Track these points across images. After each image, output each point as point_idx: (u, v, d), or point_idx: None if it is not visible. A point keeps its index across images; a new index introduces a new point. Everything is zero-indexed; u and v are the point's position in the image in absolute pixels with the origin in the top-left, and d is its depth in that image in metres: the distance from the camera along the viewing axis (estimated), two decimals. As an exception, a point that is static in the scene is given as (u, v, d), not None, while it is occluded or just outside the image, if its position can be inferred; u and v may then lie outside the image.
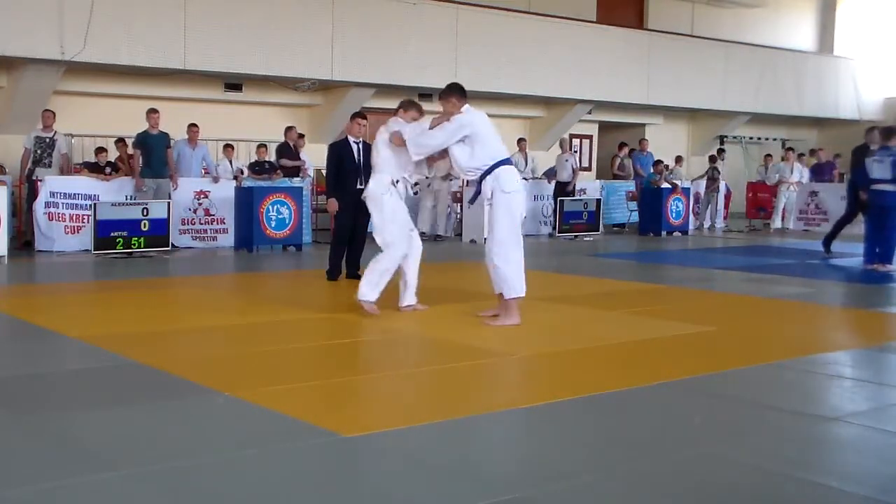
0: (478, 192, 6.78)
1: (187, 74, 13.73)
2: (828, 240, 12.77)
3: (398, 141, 6.82)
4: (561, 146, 16.20)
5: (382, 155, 6.97)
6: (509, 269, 6.59)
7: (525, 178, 15.83)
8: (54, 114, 11.97)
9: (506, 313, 6.67)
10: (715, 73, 19.79)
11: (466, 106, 6.75)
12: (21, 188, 12.12)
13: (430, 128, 6.75)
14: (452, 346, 5.94)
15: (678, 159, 18.73)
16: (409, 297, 7.13)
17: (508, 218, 6.63)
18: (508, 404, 4.49)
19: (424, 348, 5.95)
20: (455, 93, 6.75)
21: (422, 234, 14.18)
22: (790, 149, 19.19)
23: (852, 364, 5.78)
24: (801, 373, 5.38)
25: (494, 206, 6.64)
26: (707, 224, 17.98)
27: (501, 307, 6.75)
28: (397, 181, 6.96)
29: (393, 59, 15.00)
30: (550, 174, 16.24)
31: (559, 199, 15.44)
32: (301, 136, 13.95)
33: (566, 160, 15.73)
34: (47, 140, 11.88)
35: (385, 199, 6.91)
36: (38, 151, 11.84)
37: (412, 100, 7.37)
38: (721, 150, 19.41)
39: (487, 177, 6.64)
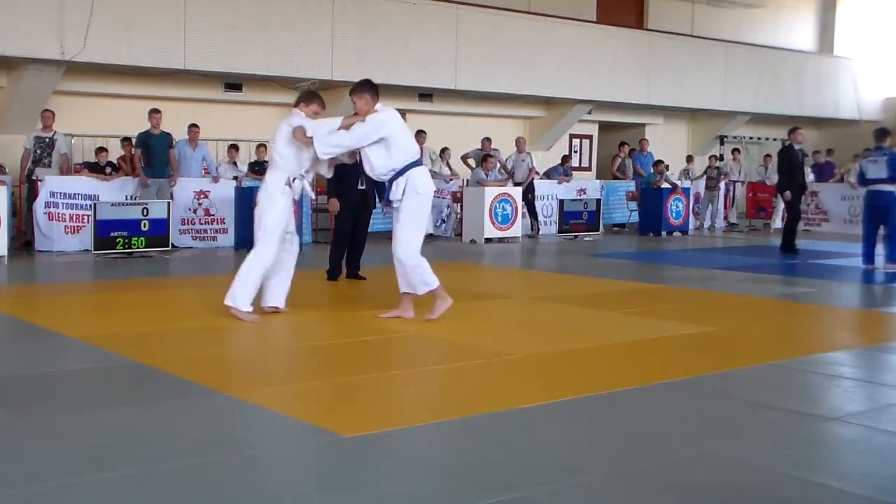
0: (388, 193, 6.61)
1: (187, 74, 13.73)
2: (789, 243, 13.06)
3: (300, 136, 6.50)
4: (517, 145, 15.68)
5: (280, 151, 6.64)
6: (422, 268, 6.55)
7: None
8: (54, 114, 11.98)
9: (439, 301, 6.66)
10: (715, 73, 19.79)
11: (380, 104, 6.60)
12: (21, 188, 12.13)
13: (341, 127, 6.55)
14: (452, 347, 5.94)
15: (689, 158, 18.77)
16: (276, 298, 6.95)
17: (419, 219, 6.59)
18: (508, 404, 4.49)
19: (424, 348, 5.95)
20: (369, 90, 6.56)
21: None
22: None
23: (852, 364, 5.78)
24: (801, 373, 5.38)
25: (405, 206, 6.53)
26: (707, 224, 17.98)
27: (404, 304, 6.75)
28: (294, 179, 6.69)
29: (393, 59, 14.99)
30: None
31: (561, 200, 15.44)
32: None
33: (522, 160, 15.35)
34: (47, 140, 11.89)
35: (279, 199, 6.65)
36: (38, 151, 11.85)
37: (314, 91, 6.93)
38: (736, 150, 19.45)
39: (399, 178, 6.53)
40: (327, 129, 6.56)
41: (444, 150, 15.08)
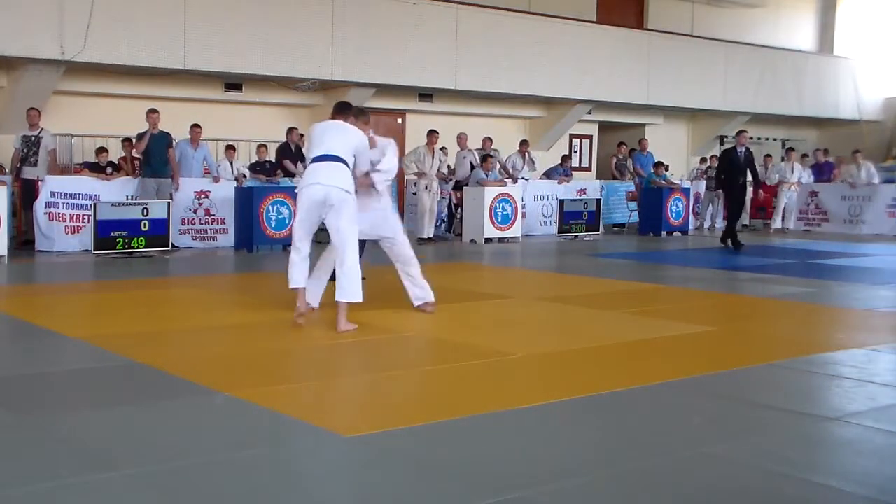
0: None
1: (187, 74, 13.73)
2: (727, 236, 13.76)
3: None
4: (458, 142, 15.12)
5: None
6: (292, 263, 6.53)
7: (525, 178, 15.81)
8: (39, 112, 12.00)
9: (341, 319, 6.32)
10: (715, 73, 19.79)
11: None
12: (20, 188, 12.13)
13: None
14: (452, 346, 5.94)
15: (703, 160, 18.78)
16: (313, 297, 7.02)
17: (296, 215, 6.60)
18: (508, 404, 4.49)
19: (424, 348, 5.95)
20: (332, 112, 6.71)
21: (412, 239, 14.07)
22: (791, 149, 19.19)
23: (852, 364, 5.77)
24: (801, 373, 5.38)
25: None
26: (707, 224, 17.98)
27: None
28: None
29: (393, 59, 14.99)
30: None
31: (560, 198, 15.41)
32: (301, 135, 13.94)
33: (464, 157, 14.94)
34: (32, 138, 11.90)
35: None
36: (25, 150, 11.88)
37: (353, 106, 7.02)
38: None
39: None
40: None
41: (441, 149, 15.07)
